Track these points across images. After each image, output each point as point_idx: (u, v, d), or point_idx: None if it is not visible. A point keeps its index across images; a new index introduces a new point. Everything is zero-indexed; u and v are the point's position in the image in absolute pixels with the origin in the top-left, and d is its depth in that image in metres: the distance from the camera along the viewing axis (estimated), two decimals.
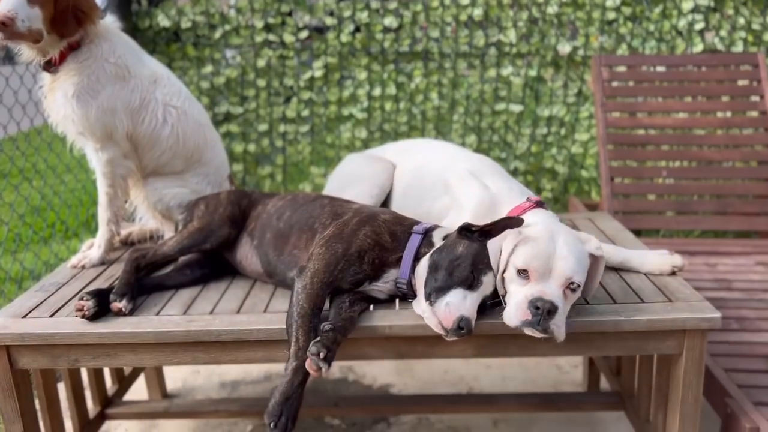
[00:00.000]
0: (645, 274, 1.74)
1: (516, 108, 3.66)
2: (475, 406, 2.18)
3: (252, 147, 3.73)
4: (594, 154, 3.74)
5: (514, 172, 3.74)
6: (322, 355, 1.36)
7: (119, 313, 1.58)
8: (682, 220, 3.04)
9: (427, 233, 1.60)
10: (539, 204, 1.65)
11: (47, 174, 3.61)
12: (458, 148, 1.97)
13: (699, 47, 3.50)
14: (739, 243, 2.82)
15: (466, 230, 1.53)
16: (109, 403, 2.19)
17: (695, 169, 3.13)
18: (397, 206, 1.92)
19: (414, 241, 1.59)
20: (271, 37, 3.54)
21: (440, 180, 1.84)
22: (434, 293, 1.45)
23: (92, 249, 1.97)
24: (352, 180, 1.97)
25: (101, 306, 1.58)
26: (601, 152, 3.02)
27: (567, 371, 2.70)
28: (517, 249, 1.45)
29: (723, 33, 3.50)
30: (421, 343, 1.54)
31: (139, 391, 2.53)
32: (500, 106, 3.67)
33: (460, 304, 1.42)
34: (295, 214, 1.74)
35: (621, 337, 1.52)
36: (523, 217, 1.57)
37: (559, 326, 1.39)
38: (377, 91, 3.63)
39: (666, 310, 1.52)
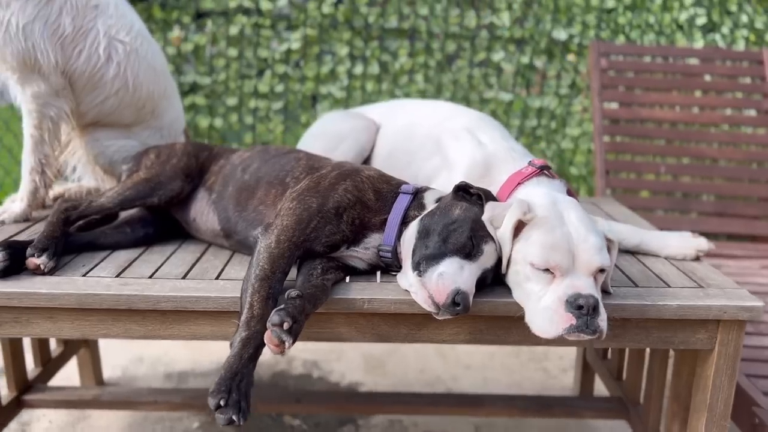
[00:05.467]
0: (665, 258, 1.50)
1: (506, 97, 3.44)
2: (456, 408, 1.90)
3: (219, 122, 3.42)
4: (584, 151, 3.54)
5: None
6: (286, 326, 1.07)
7: (36, 271, 1.29)
8: (680, 219, 2.86)
9: (418, 194, 1.35)
10: (544, 168, 1.40)
11: (2, 155, 3.28)
12: (456, 105, 1.71)
13: (699, 43, 3.33)
14: (741, 246, 2.63)
15: (463, 190, 1.29)
16: (28, 389, 1.85)
17: (695, 167, 2.95)
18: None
19: (402, 201, 1.33)
20: (246, 2, 3.26)
21: (431, 138, 1.57)
22: (424, 262, 1.19)
23: (14, 202, 1.66)
24: (329, 138, 1.70)
25: (14, 261, 1.28)
26: (596, 144, 2.81)
27: (555, 375, 2.45)
28: (525, 236, 1.19)
29: (725, 30, 3.34)
30: (405, 323, 1.27)
31: (69, 378, 2.20)
32: (489, 94, 3.44)
33: (455, 274, 1.16)
34: (264, 165, 1.47)
35: (644, 326, 1.28)
36: (523, 187, 1.33)
37: (604, 320, 1.14)
38: (358, 69, 3.37)
39: (698, 296, 1.28)
